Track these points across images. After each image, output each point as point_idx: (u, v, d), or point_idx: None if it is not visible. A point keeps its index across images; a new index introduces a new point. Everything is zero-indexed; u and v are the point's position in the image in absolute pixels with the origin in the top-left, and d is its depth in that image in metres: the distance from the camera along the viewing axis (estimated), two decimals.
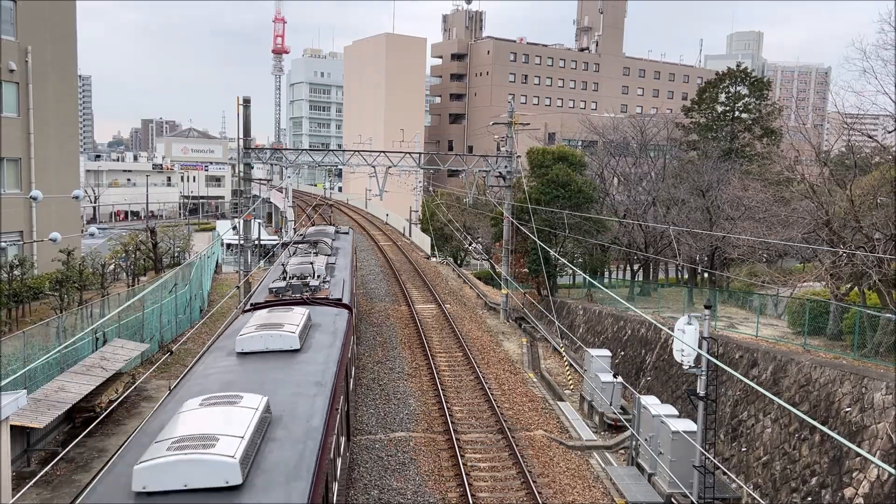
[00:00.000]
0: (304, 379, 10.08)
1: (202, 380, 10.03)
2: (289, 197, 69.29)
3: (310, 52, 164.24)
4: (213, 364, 10.80)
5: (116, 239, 49.94)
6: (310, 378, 10.12)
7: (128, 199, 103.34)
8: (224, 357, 11.03)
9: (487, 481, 17.71)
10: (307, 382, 9.93)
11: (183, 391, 9.59)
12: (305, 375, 10.22)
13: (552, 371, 28.13)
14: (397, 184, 46.75)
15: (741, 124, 49.00)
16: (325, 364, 10.87)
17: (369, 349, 27.81)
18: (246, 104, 31.54)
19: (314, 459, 7.66)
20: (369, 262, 47.24)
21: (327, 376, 10.32)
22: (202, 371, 10.58)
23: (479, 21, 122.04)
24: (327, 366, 10.81)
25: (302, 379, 10.07)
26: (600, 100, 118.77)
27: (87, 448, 18.52)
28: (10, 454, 14.05)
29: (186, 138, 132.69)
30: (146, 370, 23.39)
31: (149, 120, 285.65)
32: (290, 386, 9.69)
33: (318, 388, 9.75)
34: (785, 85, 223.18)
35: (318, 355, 11.22)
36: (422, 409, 22.12)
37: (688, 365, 16.23)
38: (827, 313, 23.40)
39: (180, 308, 31.47)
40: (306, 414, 8.77)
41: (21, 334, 19.58)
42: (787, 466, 17.33)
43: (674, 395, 23.37)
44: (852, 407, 16.35)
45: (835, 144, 32.62)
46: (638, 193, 44.95)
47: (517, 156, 36.16)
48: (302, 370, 10.45)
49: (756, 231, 29.81)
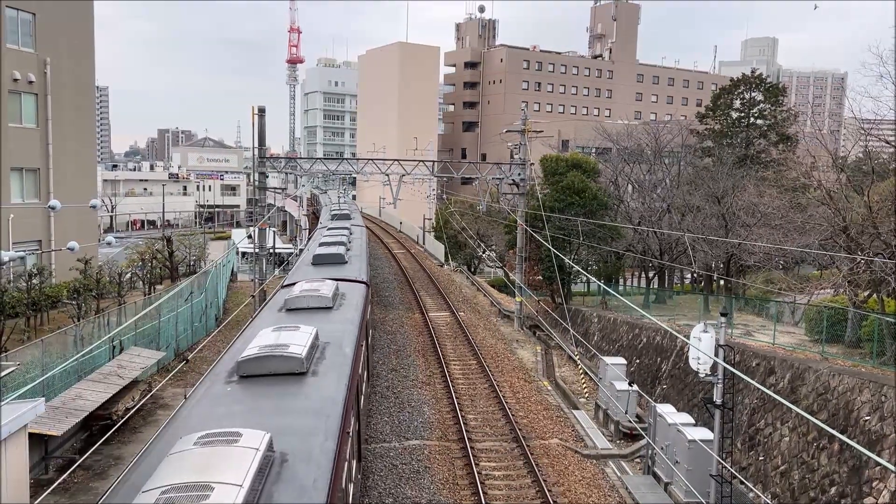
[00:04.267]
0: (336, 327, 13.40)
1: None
2: (303, 206, 69.62)
3: (324, 61, 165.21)
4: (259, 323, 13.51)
5: (133, 248, 50.35)
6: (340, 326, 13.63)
7: (144, 209, 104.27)
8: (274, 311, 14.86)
9: (502, 490, 17.63)
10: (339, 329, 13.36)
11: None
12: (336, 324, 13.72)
13: (567, 379, 28.00)
14: (411, 192, 46.90)
15: (756, 130, 48.73)
16: (351, 321, 14.26)
17: (384, 357, 27.83)
18: (261, 113, 31.77)
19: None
20: (383, 270, 47.30)
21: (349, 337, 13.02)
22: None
23: (493, 29, 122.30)
24: (353, 323, 14.17)
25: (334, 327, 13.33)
26: (614, 107, 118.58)
27: (103, 456, 18.63)
28: (28, 461, 14.17)
29: (202, 148, 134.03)
30: (162, 378, 23.52)
31: (165, 130, 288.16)
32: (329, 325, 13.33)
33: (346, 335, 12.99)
34: (800, 91, 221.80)
35: (346, 313, 14.99)
36: (436, 417, 22.08)
37: (704, 373, 16.11)
38: (845, 321, 23.16)
39: (196, 316, 31.66)
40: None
41: (40, 342, 19.79)
42: (805, 476, 17.14)
43: (690, 404, 23.20)
44: (872, 415, 16.16)
45: (852, 150, 32.37)
46: (652, 200, 44.76)
47: (531, 163, 36.15)
48: (334, 321, 13.97)
49: (772, 238, 29.58)
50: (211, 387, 9.89)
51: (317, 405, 9.21)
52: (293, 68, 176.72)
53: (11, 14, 31.75)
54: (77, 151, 35.64)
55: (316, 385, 9.91)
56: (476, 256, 62.68)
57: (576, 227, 36.73)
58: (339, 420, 8.93)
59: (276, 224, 73.16)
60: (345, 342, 12.35)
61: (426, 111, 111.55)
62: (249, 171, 61.78)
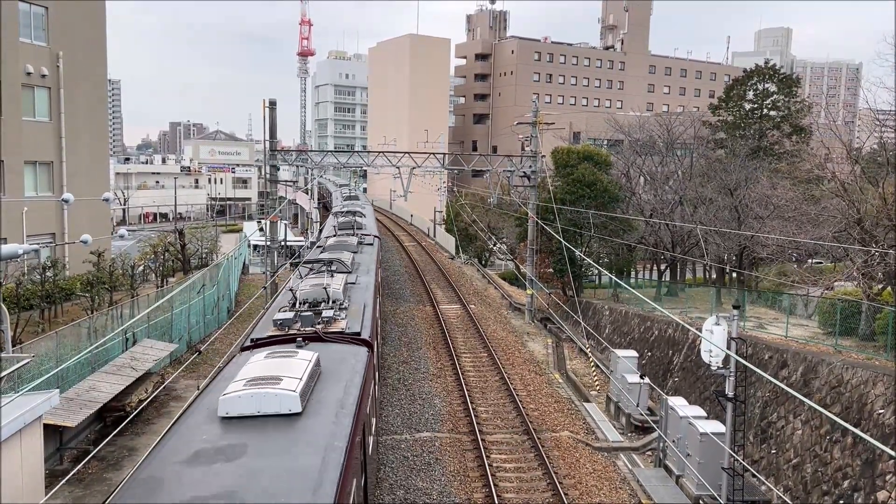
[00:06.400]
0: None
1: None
2: (314, 198, 69.75)
3: (334, 54, 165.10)
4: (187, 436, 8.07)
5: (145, 240, 50.65)
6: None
7: (156, 202, 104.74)
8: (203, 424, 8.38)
9: (513, 482, 17.66)
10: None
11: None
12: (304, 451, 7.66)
13: (578, 372, 27.97)
14: (422, 184, 46.83)
15: (770, 122, 48.31)
16: (333, 434, 8.14)
17: (394, 349, 27.90)
18: (272, 106, 31.79)
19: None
20: (394, 263, 47.37)
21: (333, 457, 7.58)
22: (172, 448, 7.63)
23: (504, 21, 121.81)
24: (335, 436, 8.10)
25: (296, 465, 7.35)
26: (626, 98, 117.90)
27: (117, 447, 18.80)
28: (43, 452, 14.31)
29: (213, 141, 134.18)
30: (175, 370, 23.68)
31: (176, 123, 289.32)
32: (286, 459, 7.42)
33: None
34: (815, 82, 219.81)
35: (324, 419, 8.50)
36: (447, 410, 22.13)
37: (716, 366, 16.04)
38: (858, 313, 22.97)
39: (208, 309, 31.82)
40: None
41: (54, 334, 19.95)
42: (818, 469, 17.06)
43: (702, 397, 23.12)
44: (885, 409, 16.04)
45: (866, 141, 32.05)
46: (664, 192, 44.53)
47: (542, 155, 36.03)
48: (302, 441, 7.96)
49: (785, 230, 29.38)
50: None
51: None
52: (304, 61, 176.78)
53: (24, 8, 31.90)
54: (90, 145, 35.83)
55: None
56: (487, 249, 62.64)
57: (587, 219, 36.60)
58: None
59: (287, 217, 73.31)
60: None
61: (437, 103, 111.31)
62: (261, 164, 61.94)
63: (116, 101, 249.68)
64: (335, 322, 13.16)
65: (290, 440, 7.81)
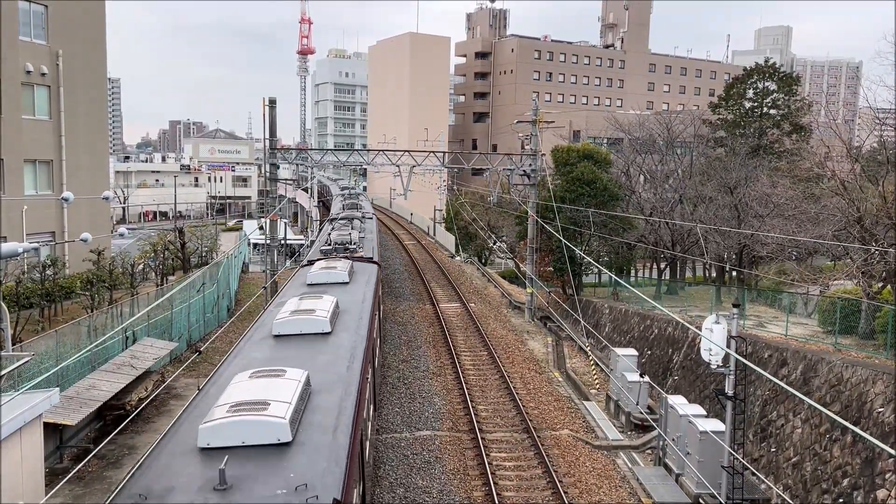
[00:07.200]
0: (353, 298, 15.49)
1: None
2: (314, 196, 69.74)
3: (334, 52, 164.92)
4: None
5: (145, 239, 50.64)
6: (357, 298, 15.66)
7: (156, 200, 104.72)
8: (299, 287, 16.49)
9: (513, 480, 17.67)
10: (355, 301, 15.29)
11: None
12: (354, 296, 15.85)
13: (578, 370, 27.98)
14: (422, 183, 46.79)
15: (769, 120, 48.28)
16: (364, 296, 16.08)
17: (394, 348, 27.90)
18: (272, 105, 31.79)
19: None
20: (394, 262, 47.35)
21: (366, 308, 14.88)
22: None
23: (503, 19, 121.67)
24: (365, 297, 16.08)
25: (351, 298, 15.37)
26: (626, 97, 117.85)
27: (117, 445, 18.81)
28: (43, 451, 14.31)
29: (213, 139, 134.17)
30: (175, 369, 23.70)
31: (176, 121, 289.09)
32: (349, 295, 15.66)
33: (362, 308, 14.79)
34: (815, 80, 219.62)
35: (359, 287, 17.09)
36: (447, 408, 22.14)
37: (716, 364, 16.05)
38: (858, 312, 22.97)
39: (208, 307, 31.81)
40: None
41: (54, 333, 19.96)
42: (817, 467, 17.07)
43: (701, 395, 23.13)
44: (885, 407, 16.05)
45: (866, 140, 32.04)
46: (664, 191, 44.51)
47: (542, 154, 36.02)
48: (352, 293, 16.13)
49: (785, 229, 29.37)
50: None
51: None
52: (304, 59, 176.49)
53: (24, 6, 31.88)
54: (90, 143, 35.81)
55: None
56: (487, 248, 62.62)
57: (587, 218, 36.60)
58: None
59: (287, 215, 73.31)
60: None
61: (437, 102, 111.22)
62: (260, 163, 61.88)
63: (116, 99, 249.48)
64: (357, 252, 22.70)
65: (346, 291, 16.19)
